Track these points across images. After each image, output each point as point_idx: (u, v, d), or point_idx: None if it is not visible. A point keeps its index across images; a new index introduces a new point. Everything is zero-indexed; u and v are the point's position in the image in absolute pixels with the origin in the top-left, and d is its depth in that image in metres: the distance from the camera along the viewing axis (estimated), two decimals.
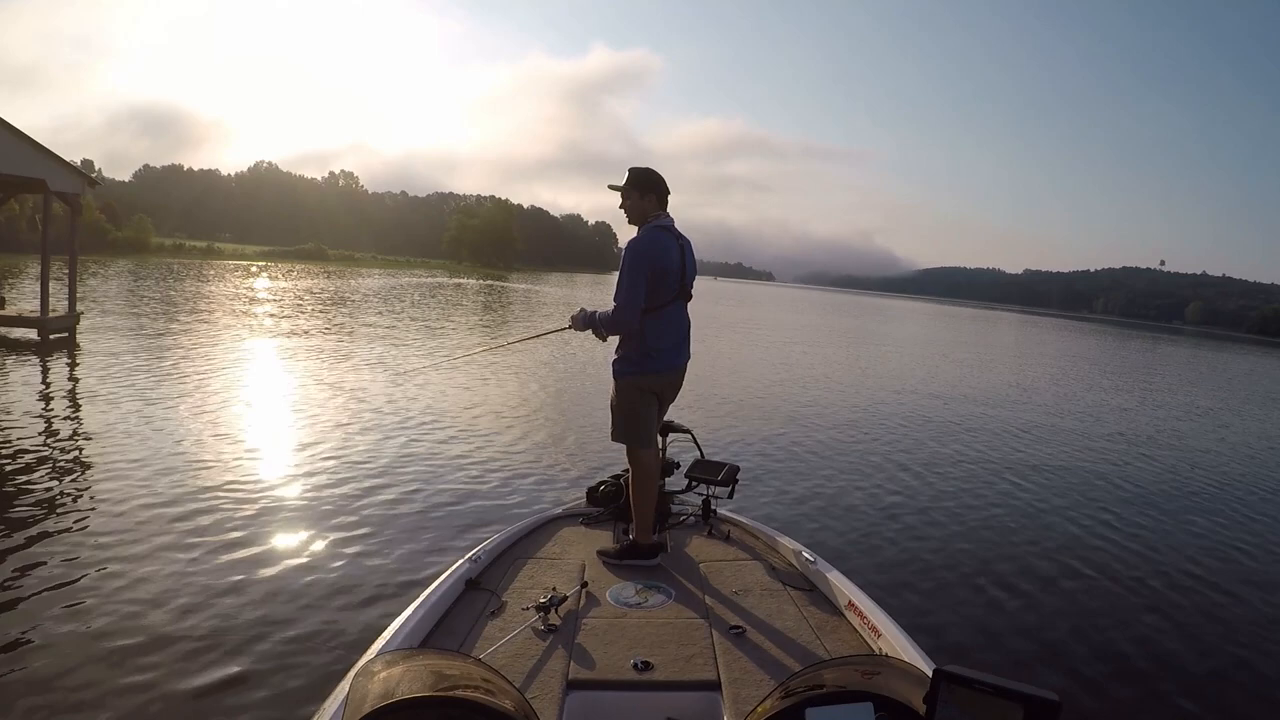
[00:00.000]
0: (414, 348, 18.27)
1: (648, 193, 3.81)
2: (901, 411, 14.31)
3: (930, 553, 6.67)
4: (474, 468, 8.09)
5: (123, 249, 63.79)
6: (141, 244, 68.59)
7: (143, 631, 4.31)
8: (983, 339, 48.20)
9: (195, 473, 7.17)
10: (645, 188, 3.81)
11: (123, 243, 65.66)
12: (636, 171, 3.84)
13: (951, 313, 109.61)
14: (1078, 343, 55.10)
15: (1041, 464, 10.71)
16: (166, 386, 11.00)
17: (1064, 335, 66.65)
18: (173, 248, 73.54)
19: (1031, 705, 1.34)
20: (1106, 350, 48.96)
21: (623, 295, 3.67)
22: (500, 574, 3.53)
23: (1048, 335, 63.89)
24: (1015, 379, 23.13)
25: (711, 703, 2.57)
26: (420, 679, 1.59)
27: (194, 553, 5.41)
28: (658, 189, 3.82)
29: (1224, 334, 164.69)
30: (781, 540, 4.00)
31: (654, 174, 3.85)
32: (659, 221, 3.80)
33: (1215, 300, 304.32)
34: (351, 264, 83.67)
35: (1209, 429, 16.69)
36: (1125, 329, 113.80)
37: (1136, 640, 5.33)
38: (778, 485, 8.36)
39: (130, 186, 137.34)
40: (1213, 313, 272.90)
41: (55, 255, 19.08)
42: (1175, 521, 8.48)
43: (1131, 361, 40.15)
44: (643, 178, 3.82)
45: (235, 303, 26.87)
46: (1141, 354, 48.96)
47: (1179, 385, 28.12)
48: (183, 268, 49.71)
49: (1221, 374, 37.27)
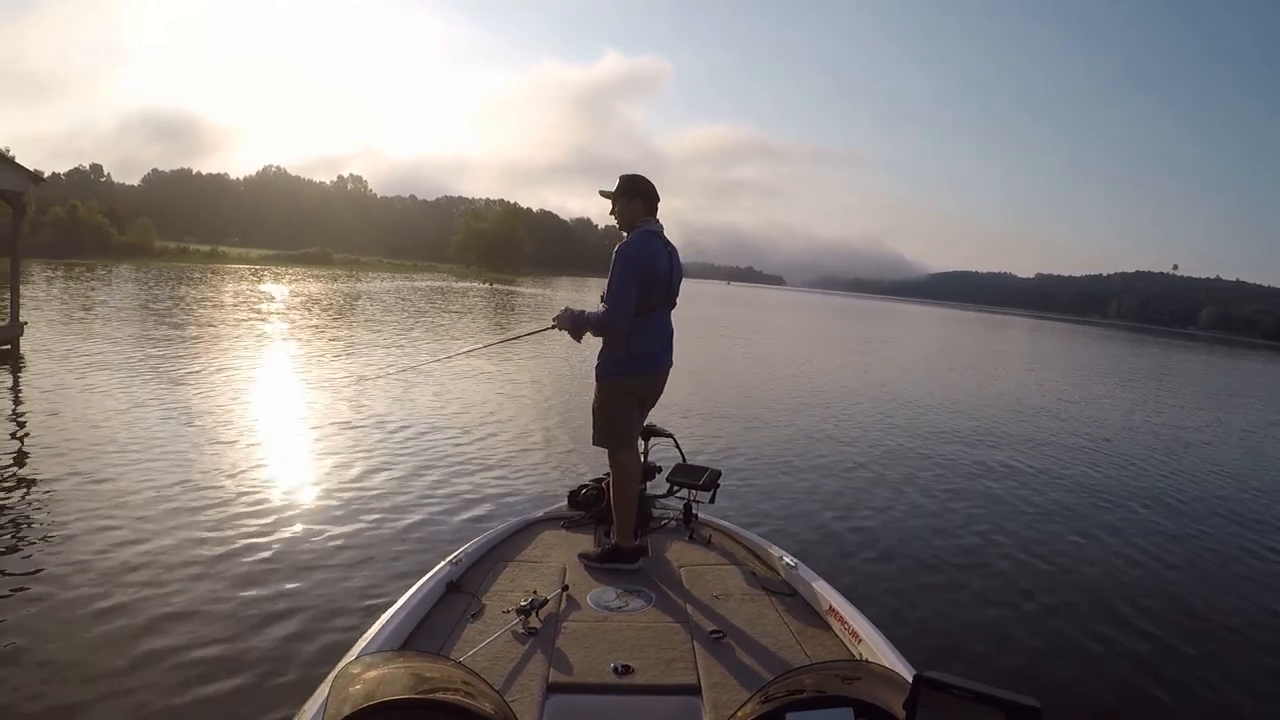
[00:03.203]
0: (393, 352, 17.88)
1: (634, 198, 3.85)
2: (886, 419, 14.07)
3: (912, 559, 6.68)
4: (454, 471, 8.07)
5: (126, 253, 63.63)
6: (145, 247, 68.42)
7: (120, 635, 4.32)
8: (983, 345, 47.64)
9: (167, 481, 7.03)
10: (631, 193, 3.85)
11: (126, 246, 65.52)
12: (624, 178, 3.90)
13: (960, 317, 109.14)
14: (1084, 349, 54.42)
15: (1026, 472, 10.61)
16: (121, 394, 10.61)
17: (1070, 341, 65.99)
18: (176, 251, 73.31)
19: (1012, 711, 1.34)
20: (1112, 357, 48.12)
21: (614, 297, 3.67)
22: (481, 577, 3.53)
23: (1052, 341, 63.27)
24: (1007, 387, 22.74)
25: (691, 707, 2.56)
26: (400, 681, 1.61)
27: (171, 556, 5.40)
28: (644, 194, 3.86)
29: (1238, 339, 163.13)
30: (762, 545, 4.01)
31: (641, 180, 3.90)
32: (648, 227, 3.84)
33: (1229, 305, 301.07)
34: (357, 268, 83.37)
35: (1207, 436, 16.37)
36: (1137, 334, 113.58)
37: (1117, 648, 5.34)
38: (759, 490, 8.32)
39: (139, 190, 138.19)
40: (1226, 318, 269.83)
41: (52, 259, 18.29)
42: (1157, 529, 8.43)
43: (1138, 369, 39.27)
44: (629, 184, 3.88)
45: (214, 309, 26.43)
46: (1152, 360, 48.21)
47: (1192, 395, 27.54)
48: (179, 272, 49.45)
49: (1243, 381, 36.52)
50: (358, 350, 17.81)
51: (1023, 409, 17.13)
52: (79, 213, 64.13)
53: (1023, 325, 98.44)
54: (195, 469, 7.44)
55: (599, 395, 3.89)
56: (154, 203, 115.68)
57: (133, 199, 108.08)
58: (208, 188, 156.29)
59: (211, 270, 54.89)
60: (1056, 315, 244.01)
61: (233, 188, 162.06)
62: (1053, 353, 45.49)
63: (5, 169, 14.83)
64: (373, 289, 45.54)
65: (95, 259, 55.03)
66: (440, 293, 46.88)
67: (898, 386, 19.40)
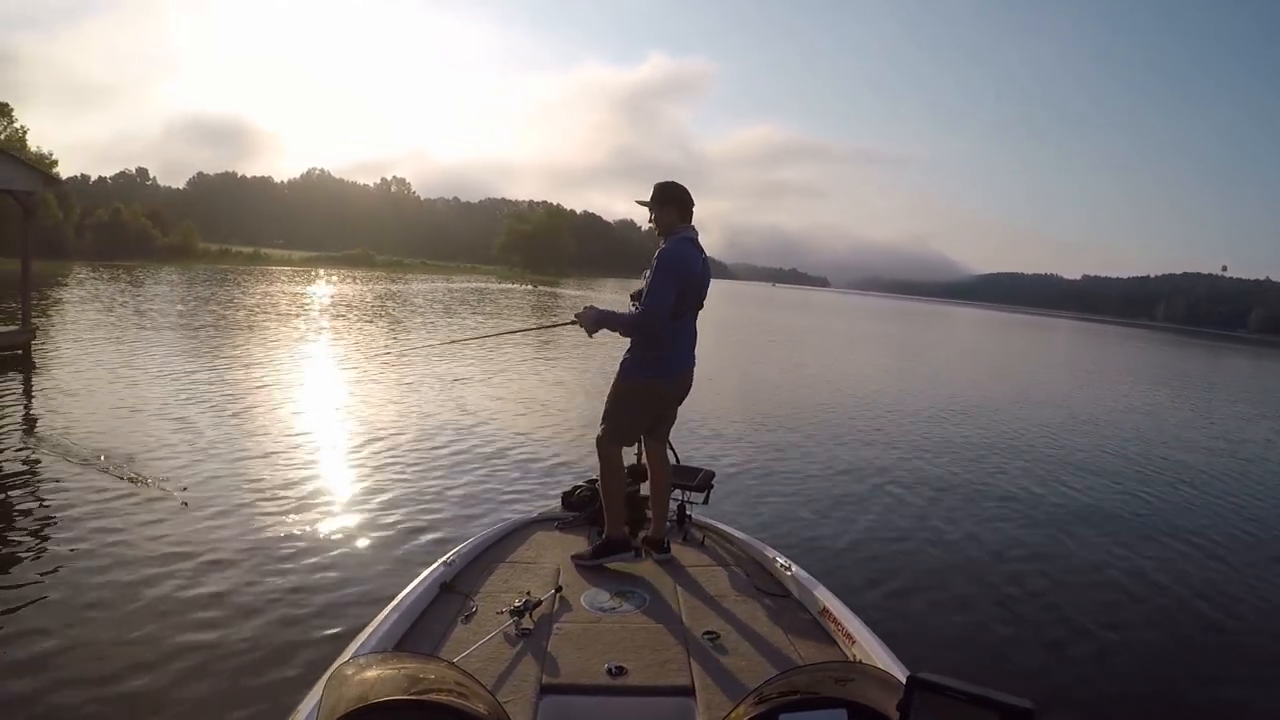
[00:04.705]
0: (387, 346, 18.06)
1: (667, 205, 3.87)
2: (883, 420, 13.84)
3: (906, 561, 6.69)
4: (448, 472, 8.04)
5: (169, 255, 64.01)
6: (188, 250, 68.88)
7: (110, 636, 4.29)
8: (1011, 349, 45.77)
9: (160, 482, 6.94)
10: (664, 200, 3.87)
11: (169, 249, 65.93)
12: (659, 186, 3.92)
13: (1002, 320, 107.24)
14: (1120, 349, 52.51)
15: (1021, 476, 10.43)
16: (122, 396, 10.59)
17: (1112, 344, 63.63)
18: (218, 253, 73.75)
19: (1006, 712, 1.34)
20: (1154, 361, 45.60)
21: (654, 299, 3.69)
22: (475, 578, 3.50)
23: (1091, 343, 61.27)
24: (1023, 391, 22.05)
25: (685, 708, 2.56)
26: (394, 682, 1.61)
27: (161, 558, 5.36)
28: (678, 201, 3.88)
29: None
30: (756, 546, 3.98)
31: (675, 187, 3.91)
32: (684, 234, 3.86)
33: (1279, 307, 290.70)
34: (399, 269, 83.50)
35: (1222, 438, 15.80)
36: (1185, 337, 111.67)
37: (1112, 649, 5.35)
38: (753, 492, 8.31)
39: (184, 194, 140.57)
40: (1276, 320, 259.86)
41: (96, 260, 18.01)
42: (1153, 531, 8.40)
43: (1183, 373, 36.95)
44: (662, 191, 3.89)
45: (233, 310, 25.98)
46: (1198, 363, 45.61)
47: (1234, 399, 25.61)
48: (218, 274, 49.59)
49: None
50: (357, 348, 18.17)
51: (1028, 415, 16.40)
52: (122, 215, 64.72)
53: (1065, 328, 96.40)
54: (187, 471, 7.34)
55: (618, 390, 3.90)
56: (199, 206, 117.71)
57: (178, 202, 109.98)
58: (252, 191, 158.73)
59: (247, 272, 54.98)
60: (1103, 318, 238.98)
61: (277, 191, 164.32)
62: (1079, 357, 43.59)
63: (15, 168, 14.25)
64: (407, 290, 45.02)
65: (138, 261, 55.47)
66: (478, 294, 46.23)
67: (908, 390, 19.04)
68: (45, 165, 56.30)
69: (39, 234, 52.14)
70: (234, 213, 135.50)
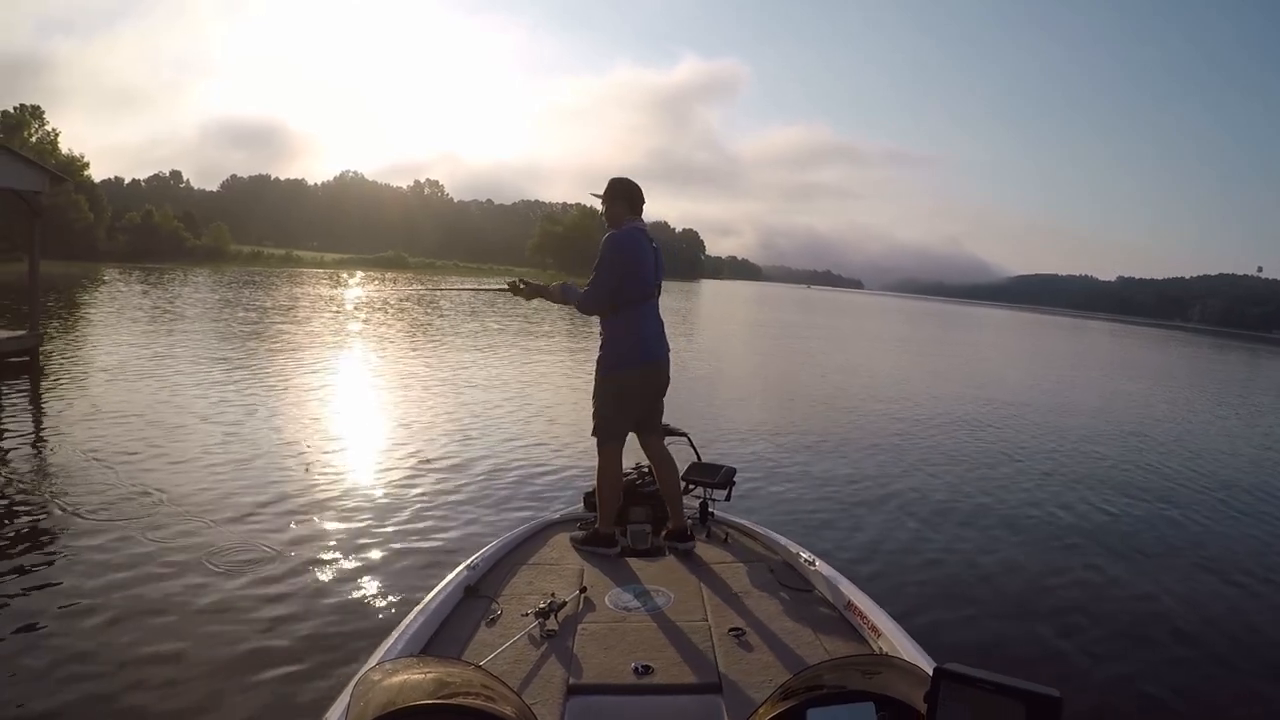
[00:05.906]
0: (388, 350, 17.69)
1: (617, 199, 4.02)
2: (903, 413, 14.04)
3: (930, 552, 6.69)
4: (470, 475, 7.97)
5: (201, 257, 64.21)
6: (219, 251, 69.21)
7: (142, 643, 4.24)
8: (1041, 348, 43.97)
9: (185, 485, 6.96)
10: (615, 195, 4.04)
11: (201, 250, 66.18)
12: (611, 181, 4.09)
13: (1036, 321, 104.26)
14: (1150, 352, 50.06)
15: (1048, 467, 10.56)
16: (126, 399, 10.55)
17: (1146, 345, 60.57)
18: (250, 255, 73.94)
19: (1033, 702, 1.32)
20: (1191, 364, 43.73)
21: (596, 279, 3.86)
22: (499, 581, 3.49)
23: (1124, 344, 58.79)
24: (1048, 385, 22.01)
25: (712, 705, 2.55)
26: (421, 686, 1.61)
27: (187, 563, 5.33)
28: (627, 196, 4.03)
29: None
30: (780, 541, 3.97)
31: (625, 183, 4.08)
32: (633, 224, 4.00)
33: None
34: (432, 271, 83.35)
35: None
36: (1222, 339, 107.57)
37: (1138, 638, 5.38)
38: (775, 487, 8.31)
39: (218, 196, 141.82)
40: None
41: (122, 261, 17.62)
42: (1177, 522, 8.49)
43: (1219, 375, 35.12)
44: (613, 187, 4.06)
45: (248, 311, 25.50)
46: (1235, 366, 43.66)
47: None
48: (246, 275, 49.39)
49: None
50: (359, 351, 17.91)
51: (1060, 413, 16.35)
52: (154, 218, 65.04)
53: (1100, 330, 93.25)
54: (207, 476, 7.31)
55: (594, 388, 4.02)
56: (232, 208, 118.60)
57: (211, 204, 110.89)
58: (285, 193, 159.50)
59: (276, 273, 54.75)
60: (1138, 319, 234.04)
61: (310, 193, 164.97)
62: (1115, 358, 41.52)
63: (20, 167, 13.70)
64: (430, 291, 44.47)
65: (170, 263, 55.60)
66: (506, 295, 45.25)
67: (940, 394, 18.32)
68: (75, 167, 56.82)
69: (71, 236, 52.54)
70: (267, 215, 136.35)
